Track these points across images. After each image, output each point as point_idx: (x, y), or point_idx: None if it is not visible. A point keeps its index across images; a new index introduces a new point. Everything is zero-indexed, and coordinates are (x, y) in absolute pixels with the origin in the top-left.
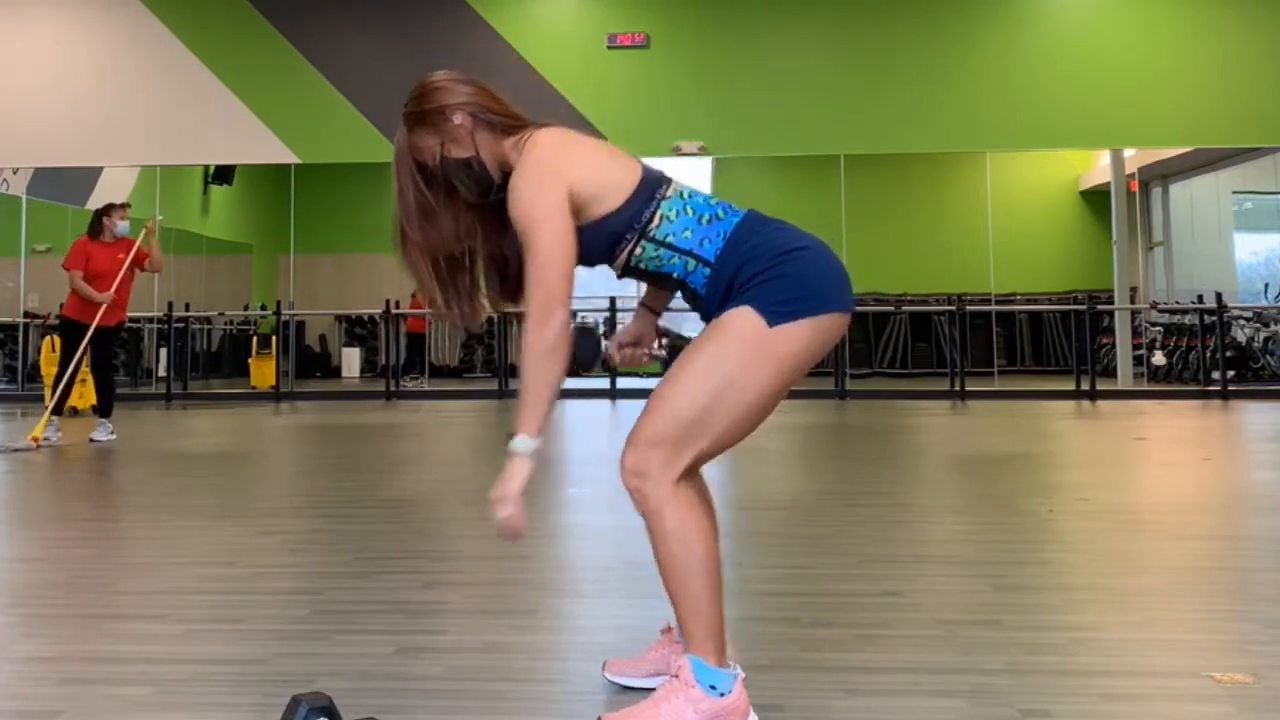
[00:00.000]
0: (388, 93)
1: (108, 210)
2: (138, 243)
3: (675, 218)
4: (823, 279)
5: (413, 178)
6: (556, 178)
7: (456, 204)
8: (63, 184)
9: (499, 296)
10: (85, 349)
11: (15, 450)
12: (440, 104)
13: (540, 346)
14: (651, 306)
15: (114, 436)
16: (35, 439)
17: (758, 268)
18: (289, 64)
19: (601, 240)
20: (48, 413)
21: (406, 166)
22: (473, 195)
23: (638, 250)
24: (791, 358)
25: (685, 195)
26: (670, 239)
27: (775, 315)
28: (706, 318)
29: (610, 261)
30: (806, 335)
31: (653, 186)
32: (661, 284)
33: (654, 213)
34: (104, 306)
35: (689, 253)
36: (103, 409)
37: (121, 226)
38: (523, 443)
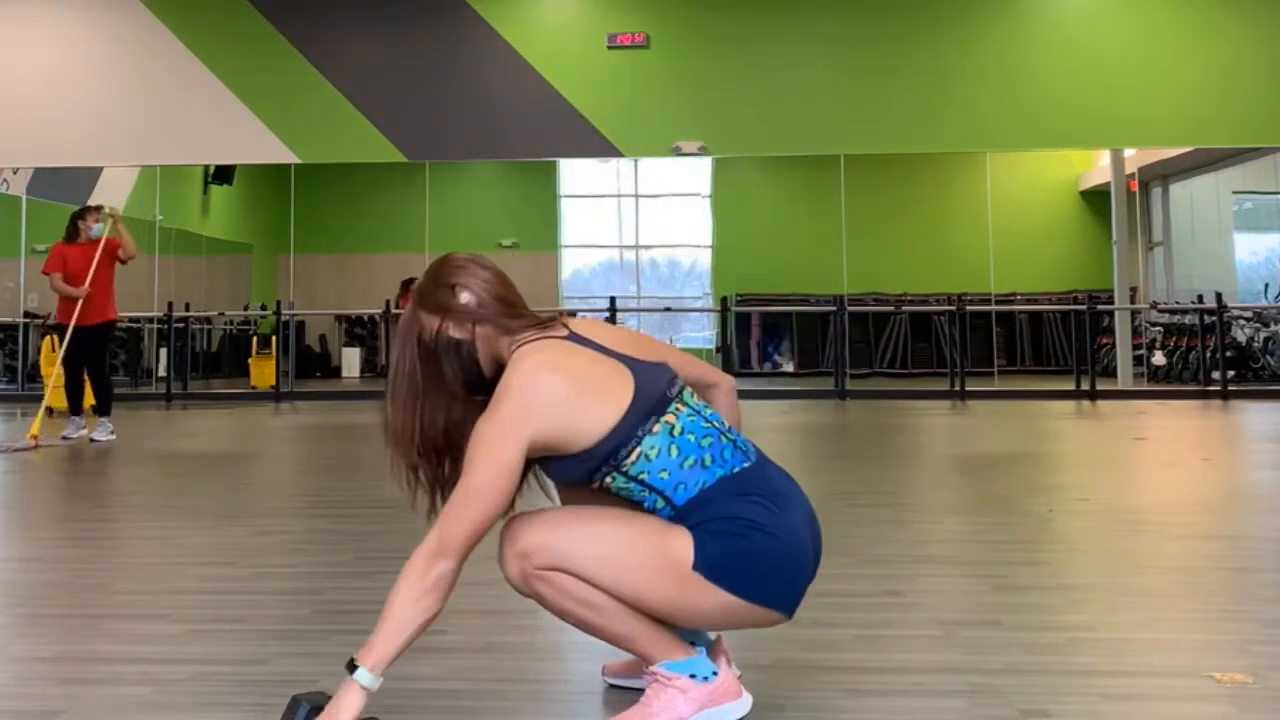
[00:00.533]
0: (388, 93)
1: (82, 214)
2: (105, 233)
3: (655, 457)
4: (775, 572)
5: (411, 352)
6: (522, 429)
7: (449, 392)
8: (63, 184)
9: None
10: (72, 351)
11: (15, 450)
12: (452, 281)
13: (418, 585)
14: None
15: (114, 436)
16: (34, 436)
17: (721, 526)
18: (289, 64)
19: (574, 470)
20: (42, 411)
21: (408, 339)
22: (457, 383)
23: (609, 481)
24: (699, 607)
25: (676, 432)
26: (644, 476)
27: (705, 565)
28: None
29: (588, 484)
30: (721, 604)
31: (639, 421)
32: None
33: (633, 450)
34: (81, 306)
35: (659, 492)
36: (101, 408)
37: (95, 229)
38: (365, 677)
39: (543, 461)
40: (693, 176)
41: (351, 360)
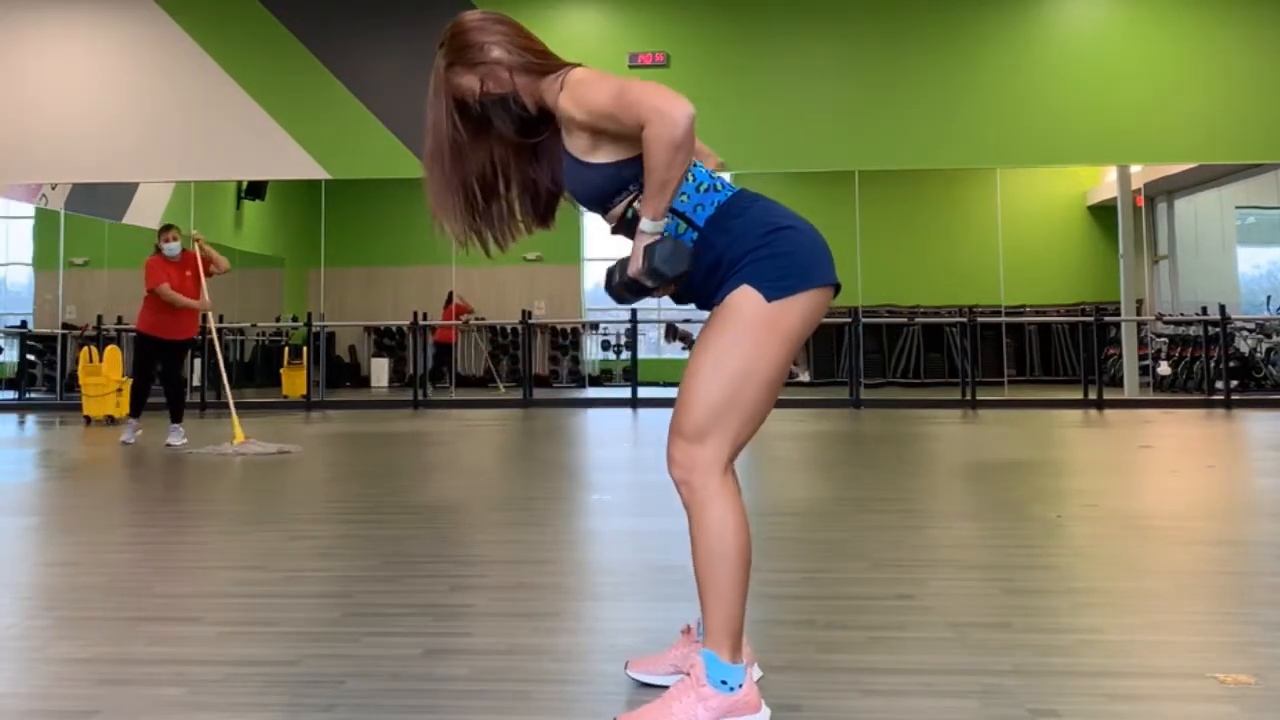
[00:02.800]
0: (415, 110)
1: (160, 234)
2: (197, 254)
3: None
4: (810, 256)
5: (450, 115)
6: (609, 76)
7: (488, 138)
8: (99, 199)
9: (532, 220)
10: (149, 360)
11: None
12: (479, 41)
13: (668, 141)
14: None
15: (186, 440)
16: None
17: (749, 244)
18: (320, 83)
19: (607, 183)
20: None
21: (444, 104)
22: (510, 133)
23: (636, 204)
24: (792, 330)
25: (691, 164)
26: None
27: (772, 291)
28: (691, 286)
29: (605, 211)
30: (801, 308)
31: None
32: None
33: None
34: (175, 321)
35: (682, 215)
36: (175, 415)
37: (170, 248)
38: (649, 224)
39: (583, 169)
40: None
41: (380, 370)
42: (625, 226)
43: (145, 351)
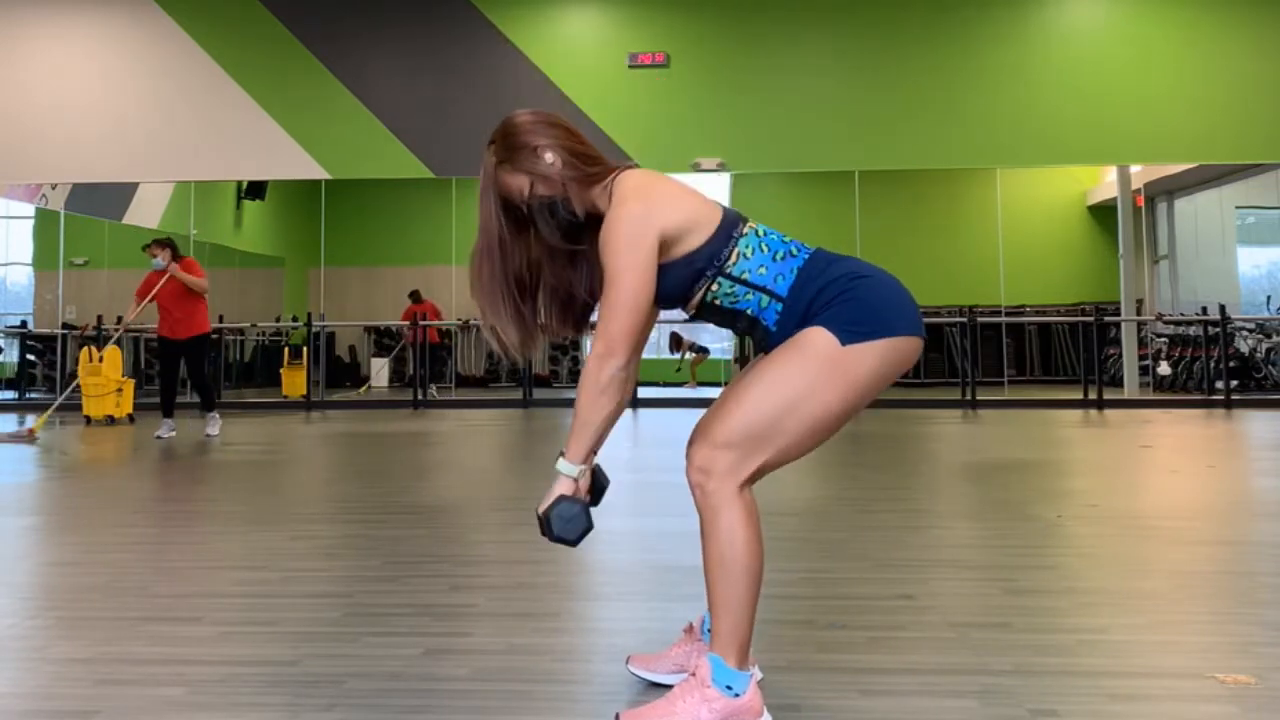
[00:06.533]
0: (415, 111)
1: (146, 246)
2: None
3: (751, 255)
4: (892, 304)
5: (498, 213)
6: (649, 226)
7: (526, 237)
8: (100, 199)
9: (558, 327)
10: (163, 360)
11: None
12: (532, 143)
13: (594, 385)
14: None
15: (219, 426)
16: (32, 431)
17: (832, 293)
18: (320, 83)
19: (684, 276)
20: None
21: (492, 201)
22: (555, 238)
23: (714, 287)
24: (862, 378)
25: (760, 233)
26: (746, 275)
27: (848, 335)
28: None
29: (686, 302)
30: (877, 357)
31: (731, 226)
32: (732, 323)
33: (732, 250)
34: (170, 323)
35: (763, 289)
36: (205, 406)
37: (155, 262)
38: (565, 466)
39: (659, 272)
40: (712, 191)
41: (380, 370)
42: (707, 309)
43: (159, 354)
